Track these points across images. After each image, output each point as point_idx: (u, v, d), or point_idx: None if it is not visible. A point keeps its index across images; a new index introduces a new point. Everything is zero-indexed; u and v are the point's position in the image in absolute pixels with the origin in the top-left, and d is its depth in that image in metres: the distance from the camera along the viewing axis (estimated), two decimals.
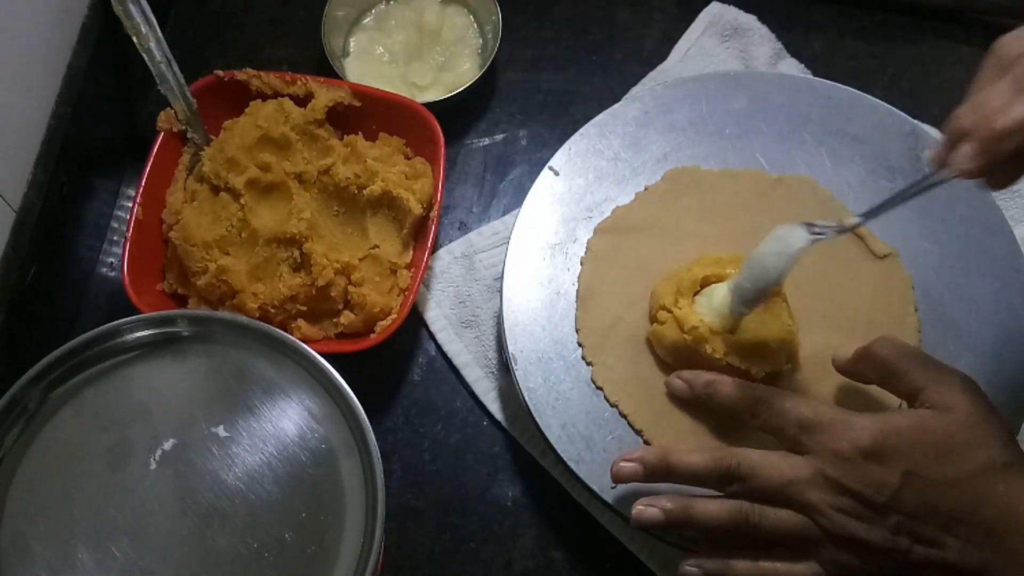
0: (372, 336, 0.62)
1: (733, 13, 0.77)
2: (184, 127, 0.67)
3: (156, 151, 0.66)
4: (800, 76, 0.70)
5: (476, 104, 0.76)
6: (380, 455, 0.50)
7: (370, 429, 0.50)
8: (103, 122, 0.71)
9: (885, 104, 0.68)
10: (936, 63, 0.77)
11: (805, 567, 0.49)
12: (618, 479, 0.54)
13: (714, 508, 0.50)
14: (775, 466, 0.50)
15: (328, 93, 0.68)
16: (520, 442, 0.64)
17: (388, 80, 0.74)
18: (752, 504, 0.50)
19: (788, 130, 0.68)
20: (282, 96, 0.68)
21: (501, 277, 0.64)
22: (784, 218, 0.65)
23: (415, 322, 0.68)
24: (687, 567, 0.51)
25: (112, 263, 0.70)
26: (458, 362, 0.67)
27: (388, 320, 0.63)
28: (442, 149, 0.66)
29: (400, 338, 0.66)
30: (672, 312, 0.59)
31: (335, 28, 0.75)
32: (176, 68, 0.65)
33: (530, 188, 0.66)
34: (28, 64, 0.61)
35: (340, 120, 0.69)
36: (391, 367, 0.67)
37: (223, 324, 0.53)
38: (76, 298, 0.68)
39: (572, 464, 0.58)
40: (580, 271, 0.64)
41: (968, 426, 0.49)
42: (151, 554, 0.47)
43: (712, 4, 0.78)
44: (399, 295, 0.64)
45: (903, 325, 0.62)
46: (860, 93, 0.68)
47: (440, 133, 0.66)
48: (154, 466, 0.49)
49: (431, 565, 0.62)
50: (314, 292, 0.62)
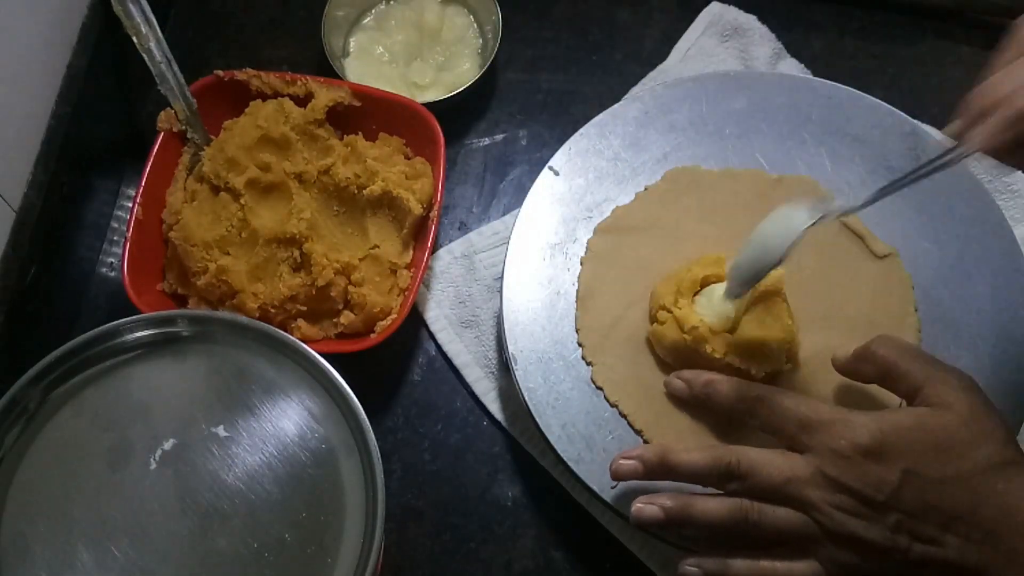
0: (372, 336, 0.62)
1: (733, 13, 0.77)
2: (184, 127, 0.67)
3: (156, 151, 0.66)
4: (800, 76, 0.70)
5: (476, 104, 0.76)
6: (380, 455, 0.50)
7: (370, 429, 0.50)
8: (103, 122, 0.71)
9: (885, 104, 0.68)
10: (936, 63, 0.77)
11: (805, 566, 0.49)
12: (617, 477, 0.54)
13: (713, 506, 0.50)
14: (774, 464, 0.50)
15: (328, 93, 0.68)
16: (520, 442, 0.64)
17: (388, 80, 0.74)
18: (752, 502, 0.50)
19: (788, 130, 0.68)
20: (282, 96, 0.68)
21: (501, 277, 0.64)
22: None
23: (415, 322, 0.68)
24: (687, 567, 0.51)
25: (112, 263, 0.70)
26: (458, 362, 0.67)
27: (388, 320, 0.63)
28: (442, 149, 0.66)
29: (400, 338, 0.66)
30: (672, 312, 0.59)
31: (335, 28, 0.75)
32: (176, 68, 0.65)
33: (530, 188, 0.66)
34: (28, 64, 0.61)
35: (340, 120, 0.69)
36: (391, 367, 0.67)
37: (223, 324, 0.53)
38: (76, 298, 0.68)
39: (572, 464, 0.58)
40: (580, 271, 0.64)
41: (967, 424, 0.49)
42: (151, 554, 0.47)
43: (712, 4, 0.78)
44: (399, 295, 0.64)
45: (903, 325, 0.62)
46: (860, 93, 0.68)
47: (440, 133, 0.66)
48: (154, 466, 0.49)
49: (431, 565, 0.62)
50: (314, 292, 0.62)
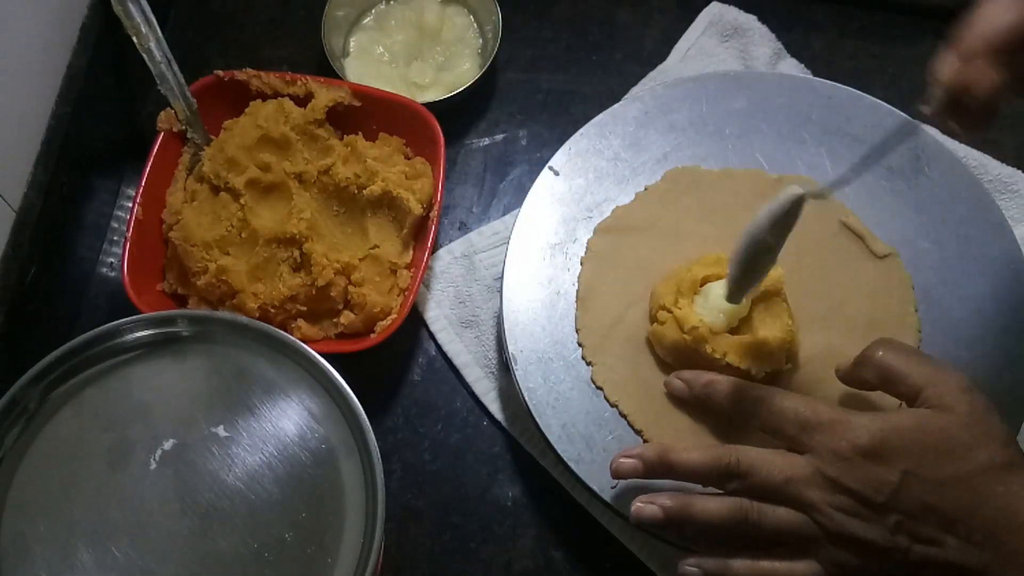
0: (372, 336, 0.62)
1: (733, 13, 0.77)
2: (184, 127, 0.67)
3: (156, 151, 0.66)
4: (800, 76, 0.70)
5: (476, 104, 0.76)
6: (380, 455, 0.50)
7: (370, 429, 0.50)
8: (103, 122, 0.71)
9: (885, 104, 0.68)
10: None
11: (804, 566, 0.49)
12: (617, 475, 0.54)
13: (713, 506, 0.50)
14: (774, 464, 0.50)
15: (328, 93, 0.68)
16: (520, 442, 0.64)
17: (388, 80, 0.74)
18: (751, 502, 0.50)
19: (788, 130, 0.68)
20: (282, 96, 0.68)
21: (501, 277, 0.64)
22: None
23: (415, 322, 0.68)
24: (687, 567, 0.51)
25: (112, 263, 0.70)
26: (458, 362, 0.67)
27: (388, 320, 0.63)
28: (442, 149, 0.66)
29: (400, 338, 0.66)
30: (672, 312, 0.59)
31: (335, 28, 0.75)
32: (176, 68, 0.65)
33: (530, 188, 0.66)
34: (28, 64, 0.61)
35: (340, 120, 0.69)
36: (391, 367, 0.67)
37: (223, 324, 0.53)
38: (76, 298, 0.68)
39: (572, 464, 0.58)
40: (580, 271, 0.64)
41: (968, 426, 0.49)
42: (151, 554, 0.47)
43: (712, 4, 0.78)
44: (399, 295, 0.64)
45: (903, 325, 0.62)
46: (860, 93, 0.68)
47: (440, 133, 0.66)
48: (154, 466, 0.49)
49: (431, 565, 0.62)
50: (314, 292, 0.62)
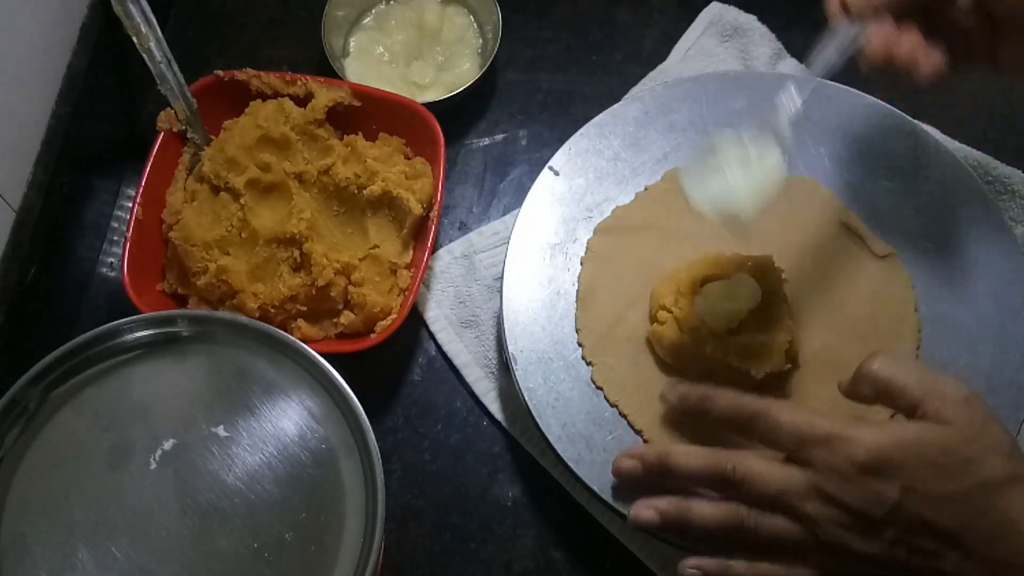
0: (372, 336, 0.62)
1: (733, 13, 0.77)
2: (184, 127, 0.67)
3: (156, 151, 0.66)
4: (800, 76, 0.70)
5: (476, 104, 0.76)
6: (380, 455, 0.50)
7: (370, 429, 0.50)
8: (103, 122, 0.71)
9: (885, 104, 0.68)
10: None
11: (803, 572, 0.49)
12: (617, 475, 0.54)
13: (710, 511, 0.50)
14: (771, 474, 0.49)
15: (328, 93, 0.68)
16: (520, 442, 0.64)
17: (388, 80, 0.74)
18: (748, 509, 0.50)
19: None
20: (282, 96, 0.68)
21: (501, 277, 0.64)
22: (784, 218, 0.66)
23: (415, 322, 0.68)
24: (687, 568, 0.51)
25: (112, 263, 0.70)
26: (458, 362, 0.67)
27: (388, 320, 0.63)
28: (442, 149, 0.66)
29: (400, 338, 0.66)
30: (672, 312, 0.59)
31: (335, 28, 0.75)
32: (176, 68, 0.65)
33: (530, 188, 0.66)
34: (28, 64, 0.61)
35: (340, 120, 0.69)
36: (391, 367, 0.67)
37: (223, 324, 0.53)
38: (76, 298, 0.68)
39: (572, 464, 0.58)
40: (580, 271, 0.64)
41: (968, 439, 0.47)
42: (151, 554, 0.47)
43: (712, 4, 0.78)
44: (399, 295, 0.64)
45: (903, 325, 0.62)
46: (860, 93, 0.68)
47: (440, 133, 0.66)
48: (154, 466, 0.49)
49: (431, 565, 0.62)
50: (314, 292, 0.62)
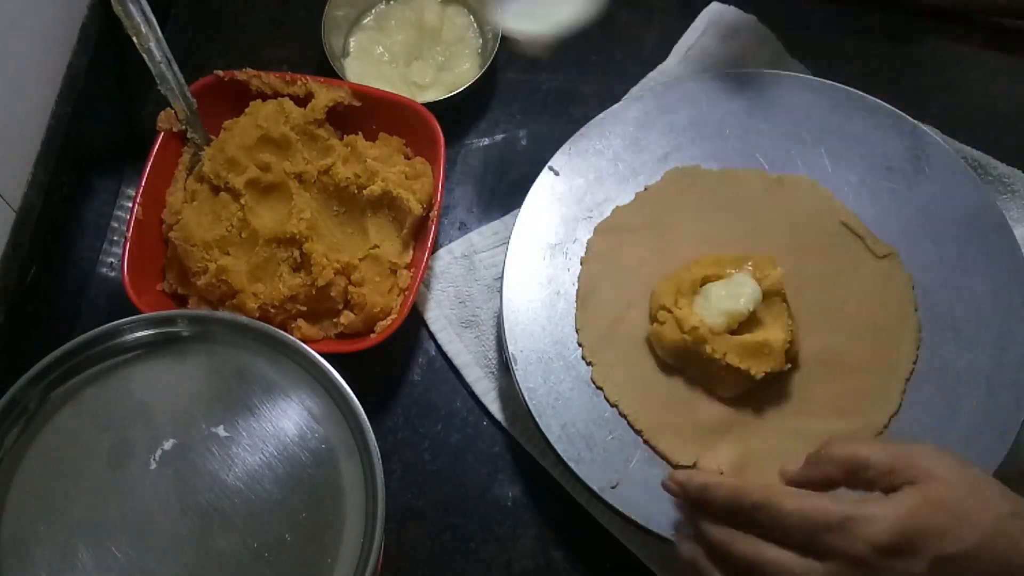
0: (372, 336, 0.62)
1: (733, 13, 0.77)
2: (184, 127, 0.67)
3: (156, 151, 0.66)
4: (800, 76, 0.70)
5: (476, 104, 0.76)
6: (380, 455, 0.50)
7: (370, 429, 0.50)
8: (103, 122, 0.71)
9: (885, 104, 0.68)
10: (936, 63, 0.77)
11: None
12: (665, 489, 0.53)
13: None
14: (787, 569, 0.47)
15: (328, 93, 0.68)
16: (520, 442, 0.64)
17: (388, 80, 0.74)
18: None
19: (788, 130, 0.68)
20: (282, 96, 0.68)
21: (501, 277, 0.64)
22: (784, 218, 0.66)
23: (415, 322, 0.68)
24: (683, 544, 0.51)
25: (112, 263, 0.70)
26: (458, 362, 0.67)
27: (388, 320, 0.63)
28: (442, 149, 0.66)
29: (400, 338, 0.66)
30: (672, 312, 0.59)
31: (335, 28, 0.75)
32: (176, 68, 0.65)
33: (530, 188, 0.66)
34: (28, 64, 0.61)
35: (340, 120, 0.69)
36: (391, 367, 0.67)
37: (223, 324, 0.53)
38: (76, 298, 0.68)
39: (572, 464, 0.58)
40: (580, 271, 0.64)
41: (965, 485, 0.46)
42: (151, 554, 0.47)
43: (712, 4, 0.78)
44: (399, 295, 0.64)
45: (903, 325, 0.62)
46: (860, 93, 0.68)
47: (440, 133, 0.66)
48: (154, 466, 0.49)
49: (431, 565, 0.62)
50: (314, 292, 0.62)
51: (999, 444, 0.58)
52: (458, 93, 0.71)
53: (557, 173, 0.67)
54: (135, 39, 0.64)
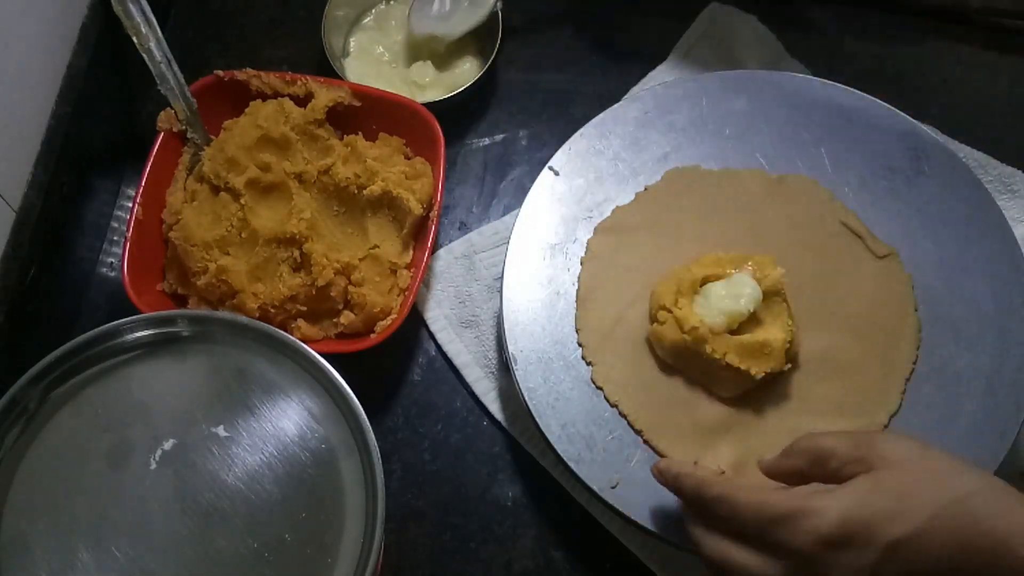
0: (372, 336, 0.62)
1: (733, 13, 0.77)
2: (184, 127, 0.67)
3: (156, 151, 0.66)
4: (800, 76, 0.70)
5: (476, 104, 0.76)
6: (380, 455, 0.50)
7: (370, 429, 0.50)
8: (103, 122, 0.71)
9: (885, 104, 0.68)
10: (936, 63, 0.77)
11: None
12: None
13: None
14: (746, 568, 0.47)
15: (328, 93, 0.68)
16: (520, 442, 0.64)
17: (388, 80, 0.74)
18: None
19: (788, 130, 0.68)
20: (282, 96, 0.68)
21: (501, 277, 0.64)
22: (784, 218, 0.66)
23: (415, 322, 0.68)
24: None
25: (112, 263, 0.70)
26: (458, 362, 0.67)
27: (388, 320, 0.63)
28: (442, 149, 0.66)
29: (400, 338, 0.66)
30: (672, 312, 0.59)
31: (335, 28, 0.75)
32: (176, 68, 0.65)
33: (530, 188, 0.66)
34: (28, 64, 0.61)
35: (340, 120, 0.69)
36: (391, 367, 0.67)
37: (223, 324, 0.54)
38: (76, 298, 0.68)
39: (572, 464, 0.58)
40: (580, 271, 0.64)
41: (918, 469, 0.46)
42: (151, 554, 0.47)
43: (712, 4, 0.78)
44: (399, 295, 0.64)
45: (903, 325, 0.62)
46: (860, 93, 0.68)
47: (440, 133, 0.66)
48: (154, 466, 0.49)
49: (431, 565, 0.62)
50: (314, 292, 0.62)
51: (999, 444, 0.58)
52: (458, 93, 0.71)
53: (557, 173, 0.67)
54: (135, 39, 0.64)
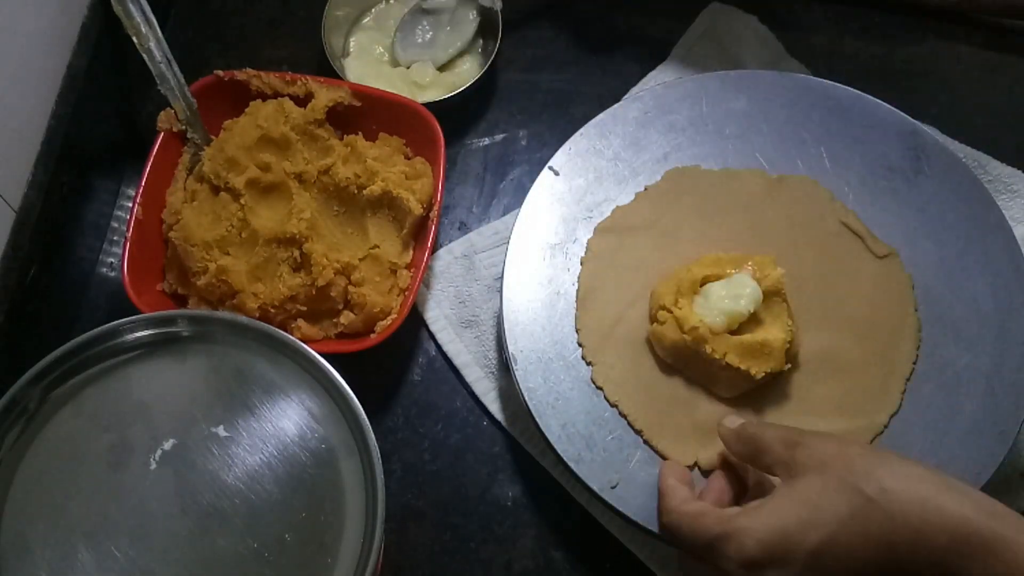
0: (372, 336, 0.62)
1: (733, 14, 0.77)
2: (184, 127, 0.67)
3: (156, 151, 0.66)
4: (800, 76, 0.70)
5: (476, 104, 0.76)
6: (380, 455, 0.50)
7: (370, 429, 0.50)
8: (103, 122, 0.71)
9: (885, 104, 0.68)
10: (936, 63, 0.77)
11: None
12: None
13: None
14: None
15: (328, 93, 0.68)
16: (520, 442, 0.64)
17: (388, 80, 0.74)
18: None
19: (788, 130, 0.68)
20: (282, 96, 0.68)
21: (501, 277, 0.64)
22: (784, 218, 0.66)
23: (415, 322, 0.68)
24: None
25: (112, 263, 0.70)
26: (458, 362, 0.67)
27: (388, 320, 0.63)
28: (442, 149, 0.66)
29: (400, 338, 0.66)
30: (672, 312, 0.59)
31: (335, 28, 0.75)
32: (176, 68, 0.65)
33: (530, 188, 0.66)
34: (28, 64, 0.61)
35: (340, 120, 0.69)
36: (391, 367, 0.67)
37: (223, 324, 0.53)
38: (76, 298, 0.68)
39: (572, 464, 0.58)
40: (580, 271, 0.64)
41: (835, 475, 0.46)
42: (151, 554, 0.47)
43: (712, 4, 0.78)
44: (399, 295, 0.64)
45: (903, 325, 0.62)
46: (860, 93, 0.68)
47: (440, 133, 0.66)
48: (154, 466, 0.49)
49: (431, 565, 0.62)
50: (314, 292, 0.62)
51: (999, 444, 0.58)
52: (458, 93, 0.71)
53: (557, 173, 0.67)
54: (135, 39, 0.64)
